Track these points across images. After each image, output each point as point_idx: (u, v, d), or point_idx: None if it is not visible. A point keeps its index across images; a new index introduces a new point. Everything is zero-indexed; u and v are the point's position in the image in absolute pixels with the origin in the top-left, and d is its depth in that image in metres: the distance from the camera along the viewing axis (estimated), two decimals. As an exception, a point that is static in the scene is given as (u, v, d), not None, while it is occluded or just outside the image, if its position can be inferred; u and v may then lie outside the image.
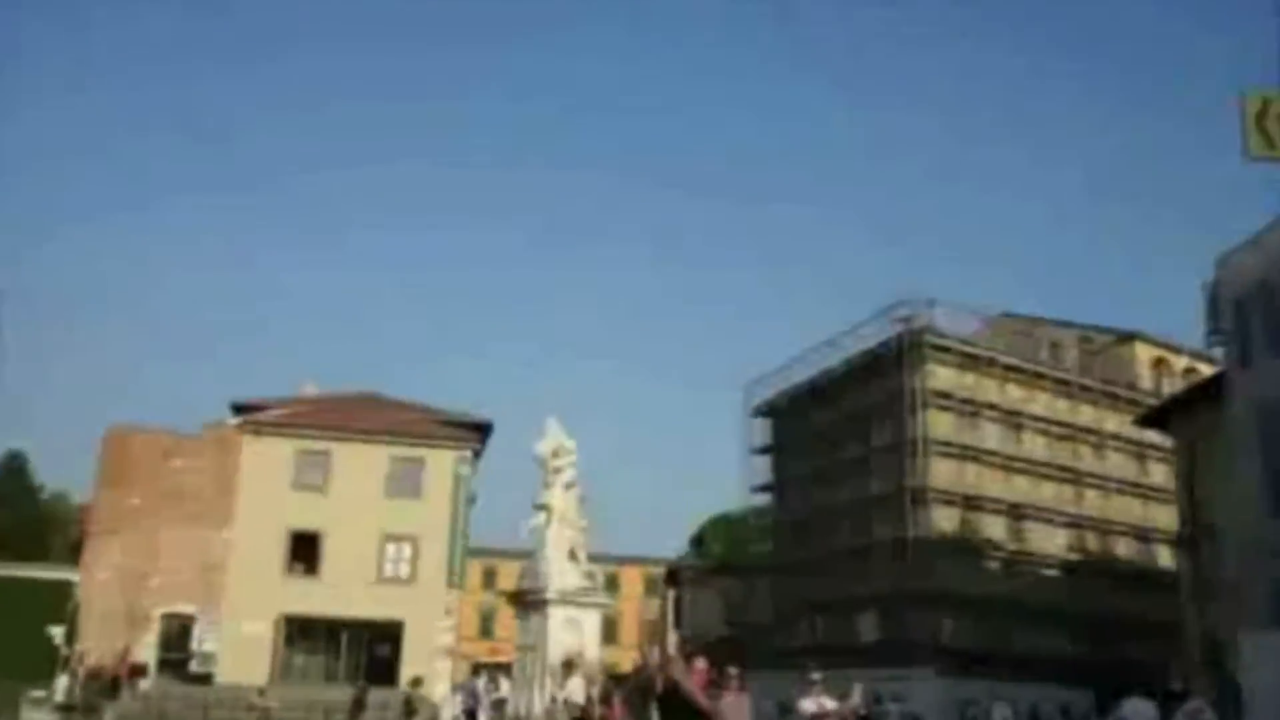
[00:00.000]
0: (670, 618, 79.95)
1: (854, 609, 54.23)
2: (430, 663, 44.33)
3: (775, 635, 62.09)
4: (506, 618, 52.40)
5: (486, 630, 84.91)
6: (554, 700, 20.19)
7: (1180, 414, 38.66)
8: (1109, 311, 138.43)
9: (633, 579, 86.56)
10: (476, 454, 50.22)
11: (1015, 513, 54.17)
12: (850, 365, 57.30)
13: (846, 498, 56.21)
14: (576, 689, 20.27)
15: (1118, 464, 57.53)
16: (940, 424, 53.09)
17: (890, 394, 53.93)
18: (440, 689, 40.21)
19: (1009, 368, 55.50)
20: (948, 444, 52.77)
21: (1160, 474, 55.41)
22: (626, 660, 70.21)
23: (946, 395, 53.26)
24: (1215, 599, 31.63)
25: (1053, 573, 54.73)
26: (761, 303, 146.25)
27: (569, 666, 20.64)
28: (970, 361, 54.45)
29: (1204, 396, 36.07)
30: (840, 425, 57.69)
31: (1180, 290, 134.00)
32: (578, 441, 26.25)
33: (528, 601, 25.01)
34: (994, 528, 53.69)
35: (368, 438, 47.64)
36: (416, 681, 30.75)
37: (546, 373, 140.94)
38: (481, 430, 51.01)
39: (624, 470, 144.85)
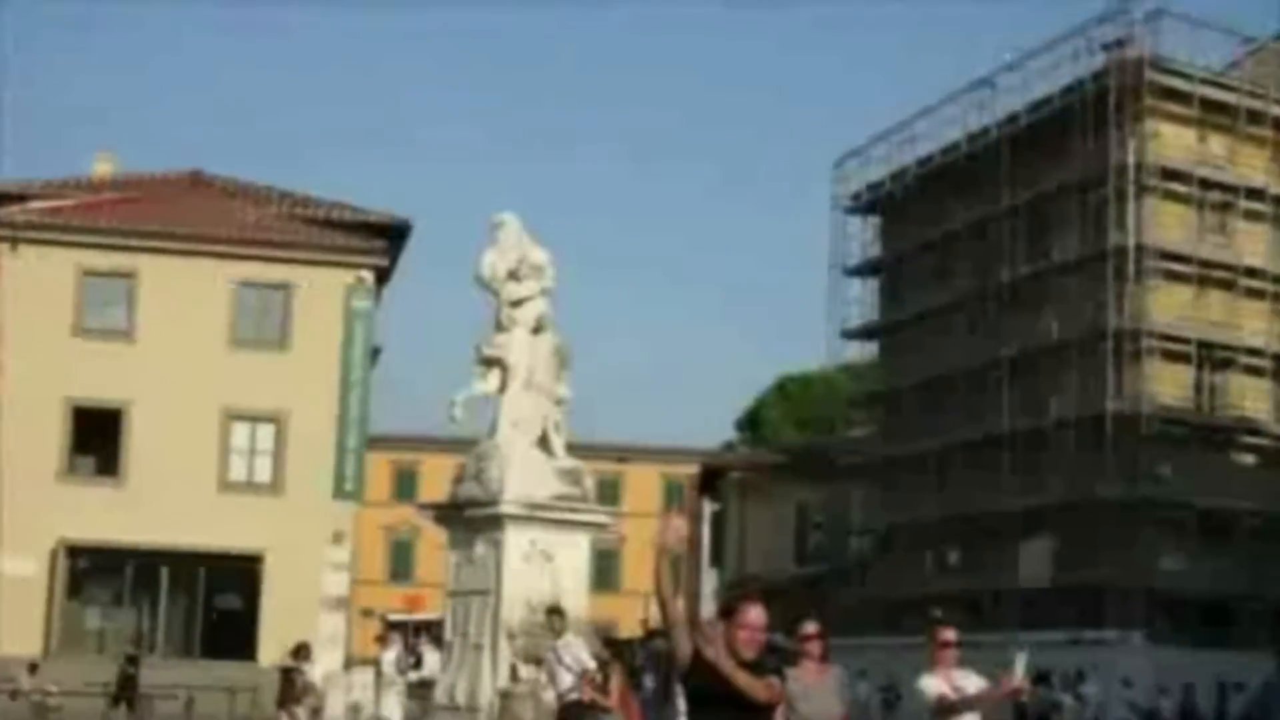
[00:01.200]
0: (706, 547, 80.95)
1: (1014, 534, 54.94)
2: (310, 621, 44.96)
3: (880, 576, 63.09)
4: (433, 549, 53.10)
5: (401, 569, 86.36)
6: (514, 677, 20.59)
7: None
8: None
9: (645, 485, 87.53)
10: (382, 277, 50.26)
11: (1289, 374, 54.63)
12: (1014, 127, 57.04)
13: (1003, 349, 56.46)
14: (565, 655, 20.58)
15: None
16: (1168, 224, 53.16)
17: (1083, 175, 53.83)
18: (326, 663, 40.94)
19: (1288, 128, 55.36)
20: (1180, 258, 53.06)
21: None
22: (631, 616, 71.81)
23: (1180, 176, 53.28)
24: None
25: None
26: (864, 22, 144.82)
27: (557, 615, 20.91)
28: (1220, 116, 54.33)
29: None
30: (995, 230, 57.65)
31: None
32: (556, 258, 26.28)
33: (469, 521, 25.28)
34: (1252, 398, 54.13)
35: (198, 248, 47.65)
36: (300, 651, 31.17)
37: (504, 163, 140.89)
38: (391, 237, 50.86)
39: (630, 310, 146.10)
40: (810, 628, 8.27)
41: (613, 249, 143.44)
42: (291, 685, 29.40)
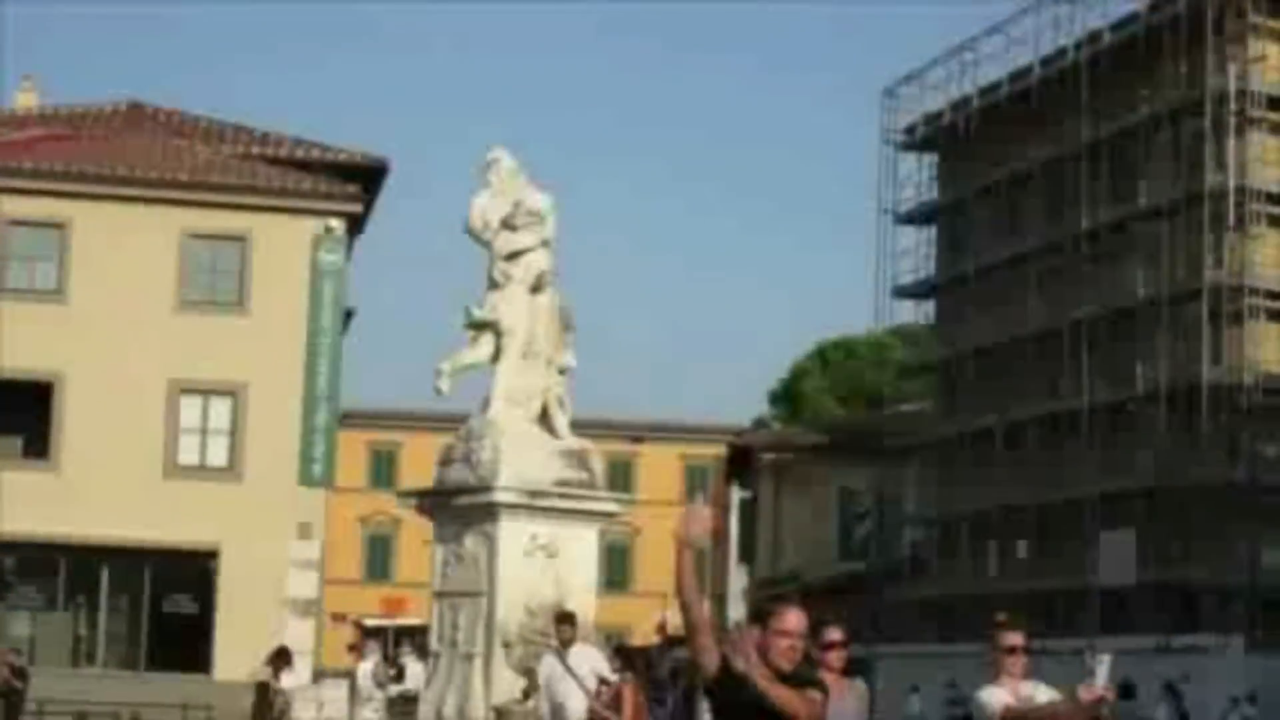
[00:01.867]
0: (734, 541, 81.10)
1: (1092, 524, 54.99)
2: (273, 627, 45.11)
3: (936, 573, 63.21)
4: (416, 544, 53.37)
5: (379, 567, 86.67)
6: (526, 695, 20.63)
7: None
8: None
9: (663, 469, 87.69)
10: (355, 226, 50.28)
11: None
12: (1095, 49, 56.93)
13: (1078, 310, 56.45)
14: (579, 664, 20.63)
15: None
16: (1274, 162, 53.13)
17: (1175, 105, 53.77)
18: (294, 676, 41.04)
19: None
20: (1286, 201, 53.08)
21: None
22: (647, 621, 71.85)
23: (1285, 105, 53.33)
24: None
25: None
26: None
27: (567, 622, 20.93)
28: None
29: None
30: (1072, 170, 57.57)
31: None
32: (558, 200, 26.29)
33: (458, 510, 25.36)
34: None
35: (140, 193, 47.63)
36: (279, 657, 31.23)
37: (496, 95, 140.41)
38: (365, 180, 50.80)
39: (646, 266, 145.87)
40: (833, 634, 8.26)
41: (625, 195, 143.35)
42: (267, 701, 29.43)
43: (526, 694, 20.04)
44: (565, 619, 20.81)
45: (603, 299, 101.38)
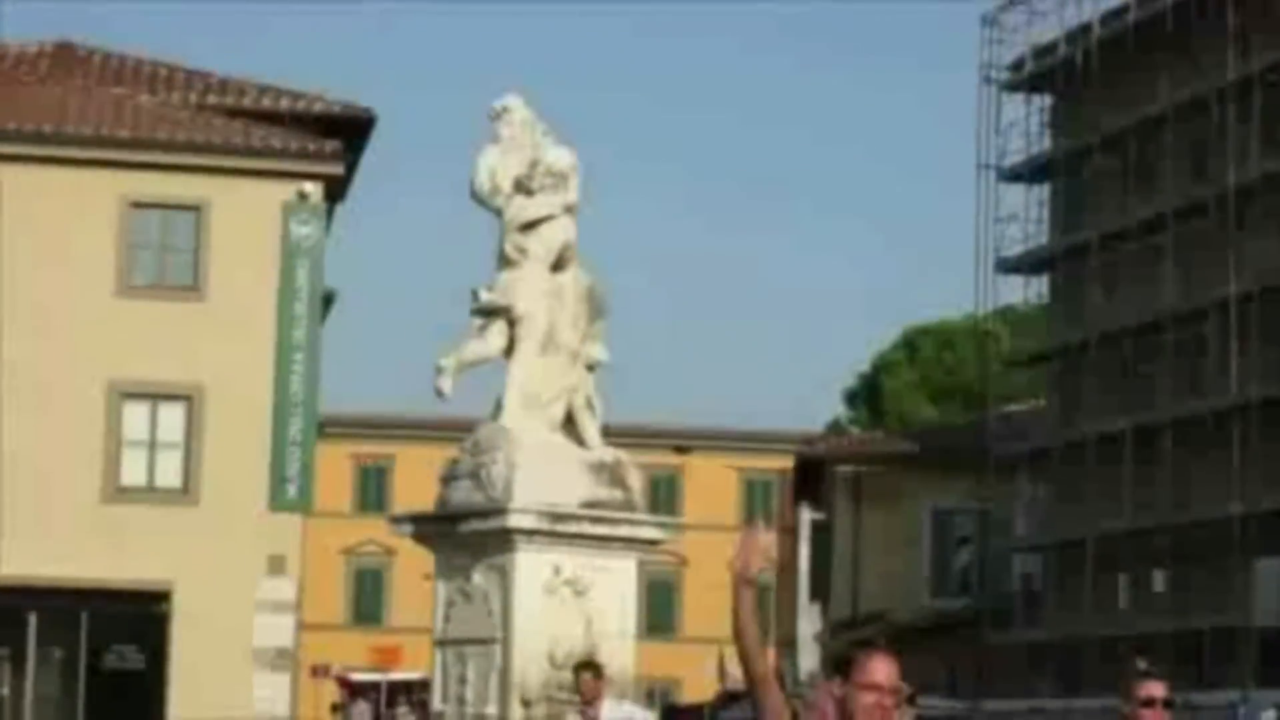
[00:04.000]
0: (804, 573, 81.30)
1: (1247, 551, 55.05)
2: (240, 683, 45.41)
3: (1055, 611, 63.27)
4: (414, 580, 53.47)
5: (369, 609, 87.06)
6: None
7: None
8: None
9: (715, 484, 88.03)
10: (335, 192, 50.48)
11: None
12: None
13: (1228, 287, 56.43)
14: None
15: None
16: None
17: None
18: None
19: None
20: None
21: None
22: (697, 673, 72.10)
23: None
24: None
25: None
26: None
27: (591, 672, 20.99)
28: None
29: None
30: (1218, 114, 57.54)
31: None
32: (583, 157, 26.34)
33: (465, 539, 25.51)
34: None
35: (73, 154, 47.98)
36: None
37: (507, 22, 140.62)
38: (348, 134, 51.02)
39: (694, 243, 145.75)
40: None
41: (668, 149, 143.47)
42: None
43: None
44: (587, 668, 20.90)
45: (641, 280, 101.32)
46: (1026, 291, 69.31)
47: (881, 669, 8.07)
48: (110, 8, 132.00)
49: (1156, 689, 11.48)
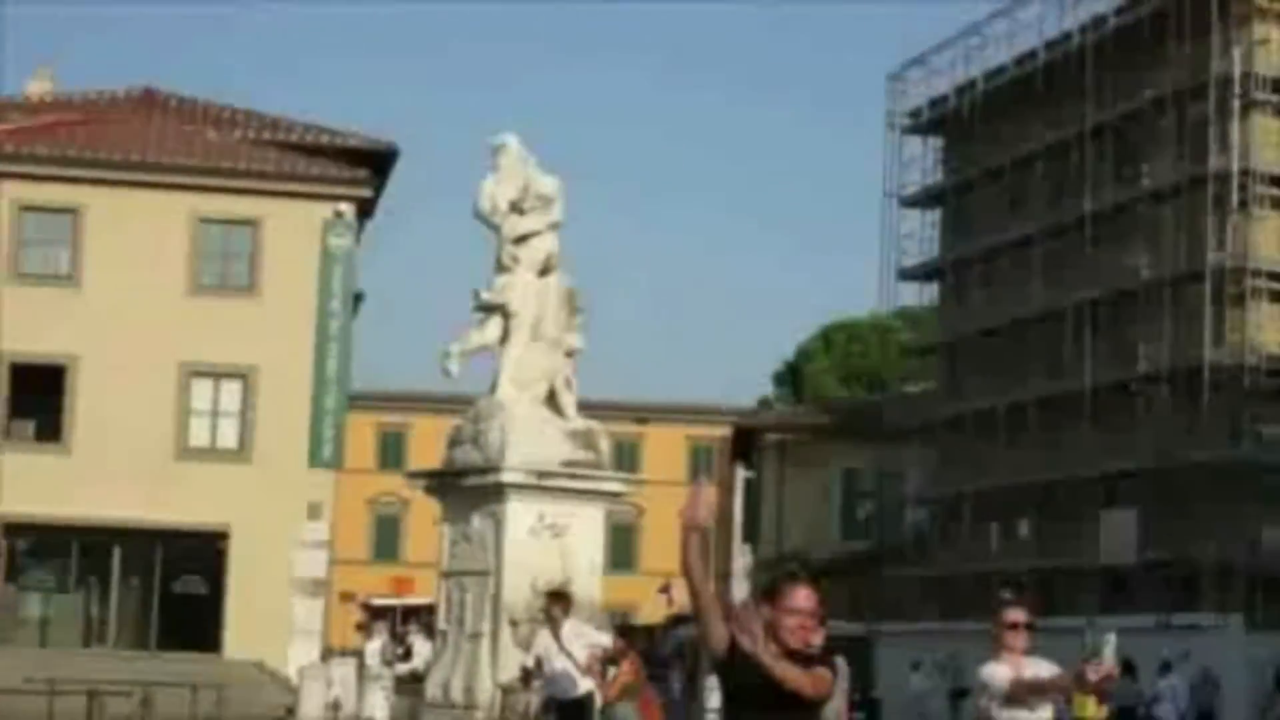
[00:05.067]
0: (738, 521, 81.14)
1: (1094, 503, 55.16)
2: (282, 607, 45.30)
3: (939, 552, 63.34)
4: (424, 524, 53.35)
5: (387, 547, 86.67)
6: (528, 675, 20.59)
7: None
8: None
9: (668, 449, 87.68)
10: (365, 210, 50.30)
11: None
12: (1100, 33, 56.90)
13: (1084, 292, 56.52)
14: (573, 642, 20.62)
15: None
16: (1277, 145, 53.11)
17: (1178, 88, 53.76)
18: (301, 655, 41.20)
19: None
20: (1288, 184, 53.07)
21: None
22: (652, 600, 71.96)
23: (1288, 88, 53.33)
24: None
25: None
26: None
27: (560, 601, 20.93)
28: (1335, 21, 54.06)
29: None
30: (1075, 152, 57.63)
31: None
32: (566, 183, 26.33)
33: (466, 491, 25.47)
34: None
35: (152, 179, 47.63)
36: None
37: (507, 75, 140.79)
38: (375, 164, 50.85)
39: (653, 249, 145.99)
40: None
41: (631, 175, 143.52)
42: None
43: (527, 677, 20.01)
44: (557, 598, 20.86)
45: (609, 281, 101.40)
46: (920, 296, 69.41)
47: (803, 596, 8.10)
48: (185, 57, 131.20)
49: (1019, 614, 11.56)
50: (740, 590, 42.24)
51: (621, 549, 75.84)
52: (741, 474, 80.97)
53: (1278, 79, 52.71)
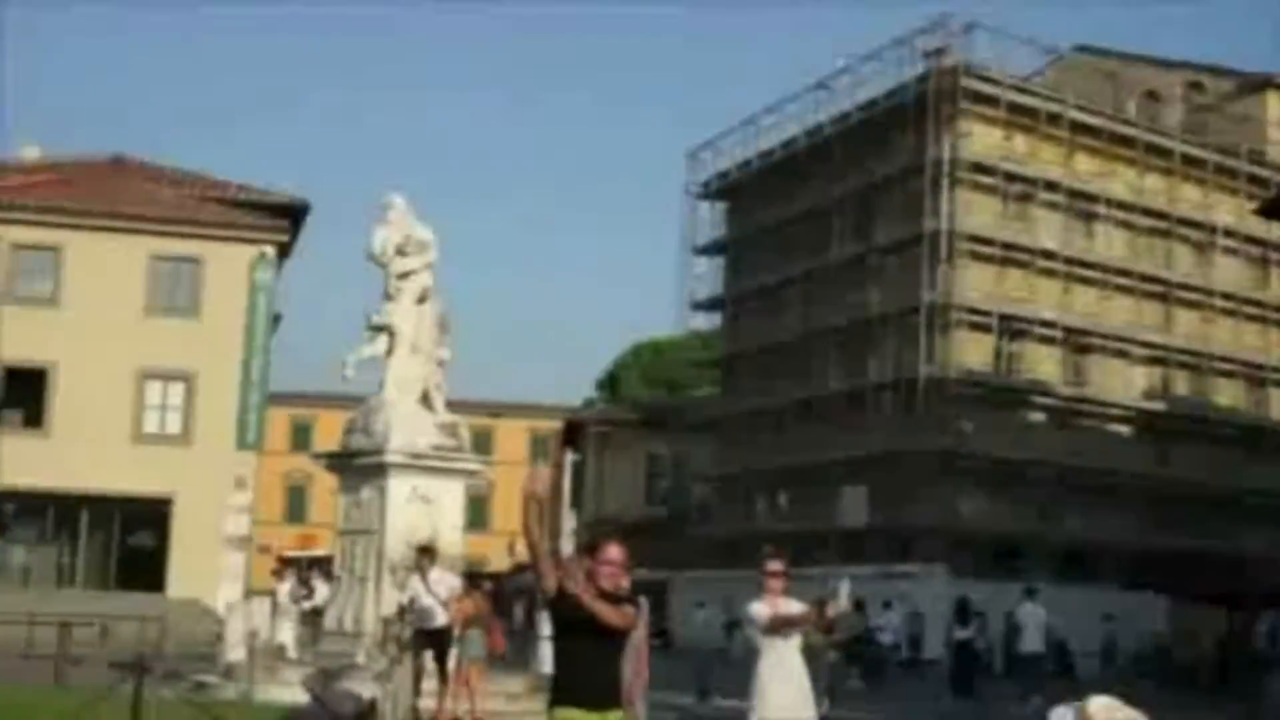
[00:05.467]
0: (568, 492, 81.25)
1: (836, 481, 55.66)
2: (214, 557, 45.14)
3: (719, 518, 63.75)
4: (325, 493, 52.97)
5: (296, 511, 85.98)
6: (402, 610, 20.59)
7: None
8: (1232, 46, 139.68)
9: (514, 437, 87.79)
10: (283, 251, 50.06)
11: (1076, 342, 55.67)
12: (845, 124, 57.60)
13: (831, 320, 57.18)
14: (437, 584, 20.70)
15: (1229, 273, 59.11)
16: (976, 211, 54.04)
17: (904, 167, 54.51)
18: (228, 594, 40.94)
19: (1080, 128, 56.36)
20: (985, 241, 53.87)
21: (1287, 288, 57.28)
22: (500, 553, 72.08)
23: (987, 170, 54.09)
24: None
25: (1124, 429, 56.64)
26: (716, 27, 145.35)
27: (426, 554, 21.01)
28: (1024, 118, 55.15)
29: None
30: (827, 214, 58.29)
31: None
32: (439, 235, 26.30)
33: (357, 468, 25.31)
34: (1045, 363, 55.18)
35: (118, 225, 47.28)
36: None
37: (392, 135, 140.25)
38: (291, 216, 50.71)
39: (504, 280, 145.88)
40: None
41: (503, 232, 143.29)
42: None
43: (401, 612, 20.02)
44: (425, 551, 21.00)
45: (475, 306, 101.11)
46: (709, 322, 69.90)
47: (613, 550, 8.23)
48: (149, 128, 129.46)
49: (777, 565, 11.73)
50: (568, 547, 42.29)
51: (477, 514, 75.57)
52: (570, 457, 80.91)
53: (975, 162, 53.57)
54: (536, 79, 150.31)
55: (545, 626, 25.52)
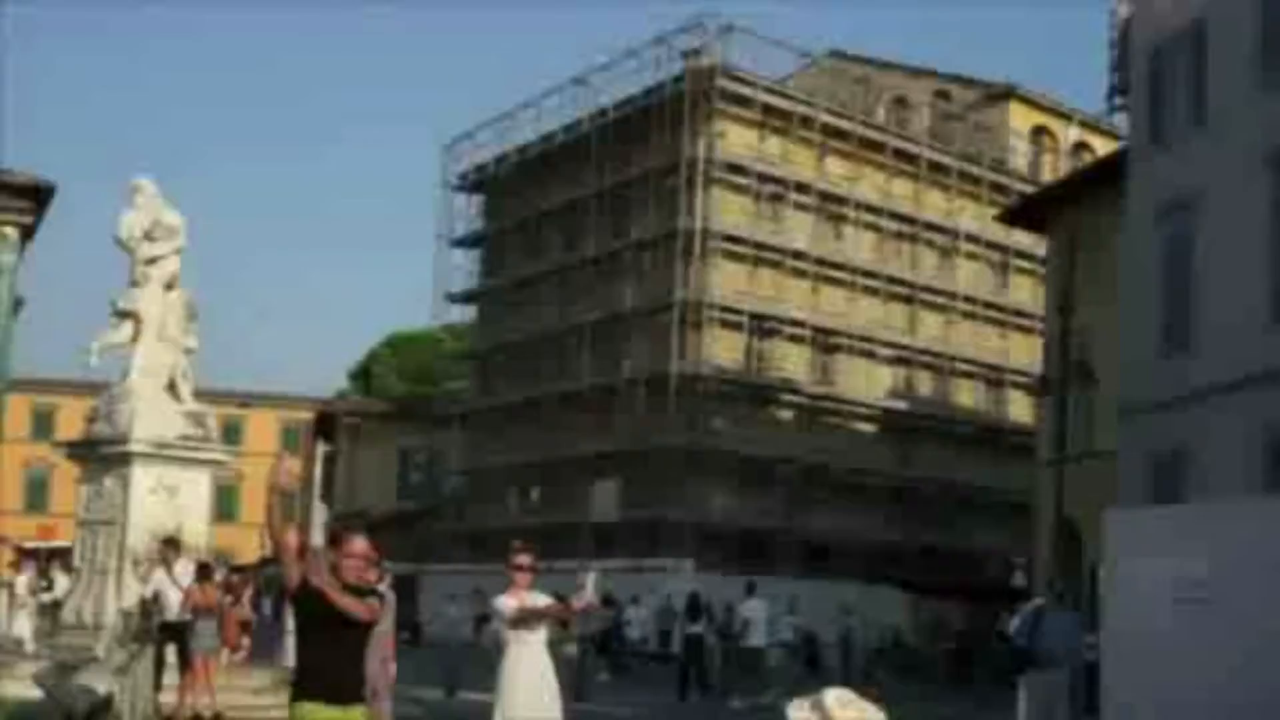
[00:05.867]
0: (319, 484, 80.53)
1: (587, 475, 56.00)
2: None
3: (471, 511, 63.64)
4: (67, 482, 51.69)
5: (37, 501, 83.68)
6: (145, 603, 20.18)
7: (1061, 208, 40.66)
8: (979, 56, 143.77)
9: (265, 427, 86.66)
10: (27, 234, 48.64)
11: (824, 342, 56.72)
12: (603, 121, 57.81)
13: (585, 315, 57.39)
14: (182, 577, 20.37)
15: (972, 276, 60.86)
16: (730, 210, 54.61)
17: (660, 165, 54.90)
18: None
19: (831, 131, 57.31)
20: (738, 240, 54.46)
21: (1027, 292, 59.02)
22: (249, 545, 71.01)
23: (741, 170, 54.67)
24: (1081, 466, 34.14)
25: (869, 428, 57.94)
26: (471, 18, 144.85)
27: (171, 546, 20.67)
28: (778, 120, 55.88)
29: (1096, 184, 38.02)
30: (583, 210, 58.51)
31: (1080, 29, 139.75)
32: (187, 218, 25.83)
33: (100, 457, 24.75)
34: (793, 362, 56.13)
35: None
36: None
37: (134, 113, 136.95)
38: (35, 197, 49.23)
39: (256, 266, 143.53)
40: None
41: (245, 217, 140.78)
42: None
43: (144, 606, 19.65)
44: (169, 543, 20.76)
45: (229, 290, 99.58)
46: (464, 314, 69.65)
47: (356, 543, 8.17)
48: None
49: (524, 559, 11.79)
50: (319, 539, 41.92)
51: (227, 505, 74.55)
52: (322, 448, 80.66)
53: (730, 162, 54.17)
54: (298, 65, 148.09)
55: (291, 619, 25.28)
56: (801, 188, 56.14)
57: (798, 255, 55.66)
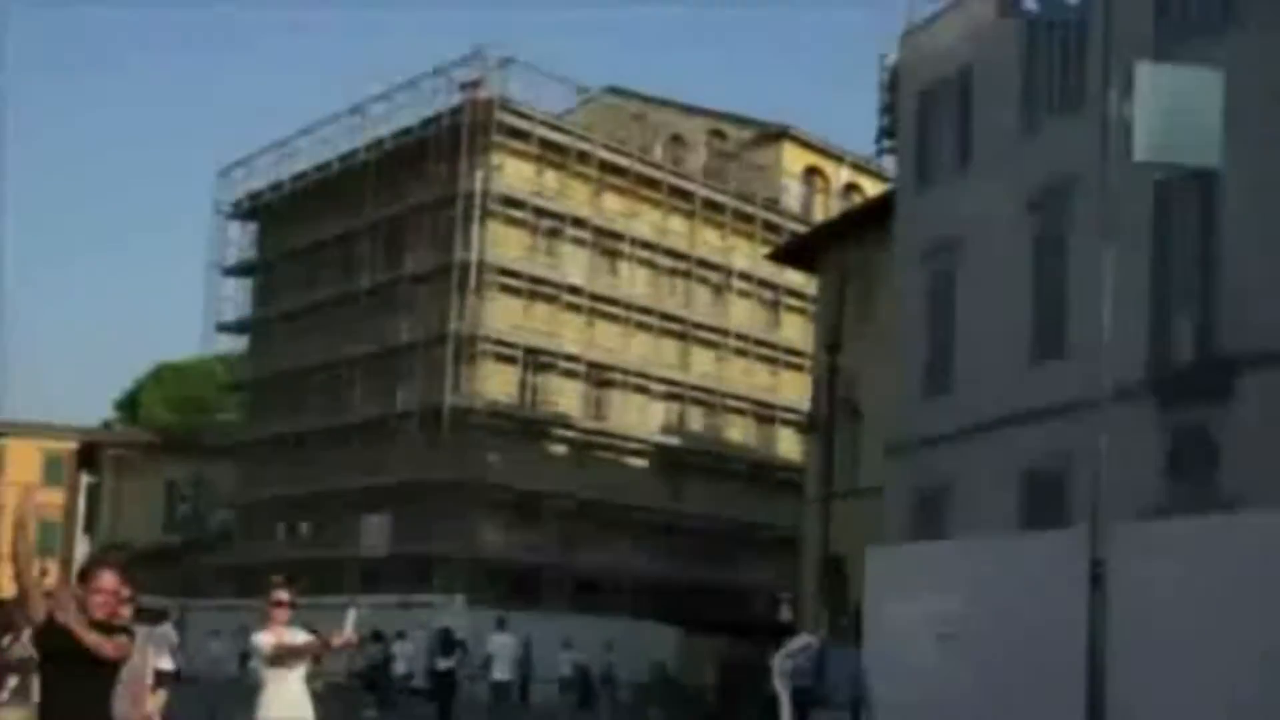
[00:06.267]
0: (81, 516, 78.60)
1: (358, 510, 55.33)
2: None
3: (240, 545, 62.67)
4: None
5: None
6: None
7: (831, 248, 41.51)
8: (754, 97, 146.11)
9: (25, 458, 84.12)
10: None
11: (598, 377, 56.97)
12: (380, 151, 57.44)
13: (359, 347, 56.90)
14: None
15: (744, 314, 61.63)
16: (506, 244, 54.60)
17: (437, 197, 54.69)
18: None
19: (608, 167, 57.68)
20: (514, 274, 54.47)
21: (798, 330, 59.99)
22: (5, 578, 68.92)
23: (518, 204, 54.70)
24: (847, 502, 34.79)
25: (641, 463, 58.31)
26: (239, 41, 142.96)
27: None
28: (555, 155, 56.03)
29: (865, 225, 38.89)
30: (358, 240, 58.07)
31: (852, 75, 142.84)
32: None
33: None
34: (567, 397, 56.26)
35: None
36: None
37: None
38: None
39: (17, 293, 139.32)
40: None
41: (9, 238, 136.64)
42: None
43: None
44: None
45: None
46: (235, 344, 68.72)
47: (106, 578, 7.96)
48: None
49: (283, 594, 11.65)
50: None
51: (-19, 537, 72.56)
52: (86, 480, 78.79)
53: (507, 196, 54.17)
54: (62, 82, 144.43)
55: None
56: (578, 223, 56.42)
57: (573, 290, 55.88)
